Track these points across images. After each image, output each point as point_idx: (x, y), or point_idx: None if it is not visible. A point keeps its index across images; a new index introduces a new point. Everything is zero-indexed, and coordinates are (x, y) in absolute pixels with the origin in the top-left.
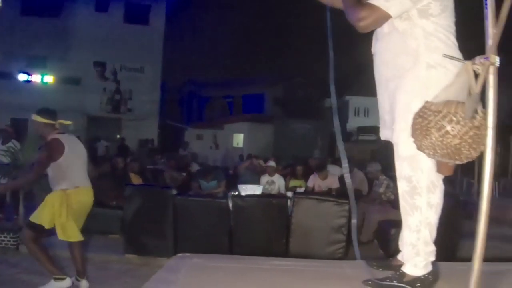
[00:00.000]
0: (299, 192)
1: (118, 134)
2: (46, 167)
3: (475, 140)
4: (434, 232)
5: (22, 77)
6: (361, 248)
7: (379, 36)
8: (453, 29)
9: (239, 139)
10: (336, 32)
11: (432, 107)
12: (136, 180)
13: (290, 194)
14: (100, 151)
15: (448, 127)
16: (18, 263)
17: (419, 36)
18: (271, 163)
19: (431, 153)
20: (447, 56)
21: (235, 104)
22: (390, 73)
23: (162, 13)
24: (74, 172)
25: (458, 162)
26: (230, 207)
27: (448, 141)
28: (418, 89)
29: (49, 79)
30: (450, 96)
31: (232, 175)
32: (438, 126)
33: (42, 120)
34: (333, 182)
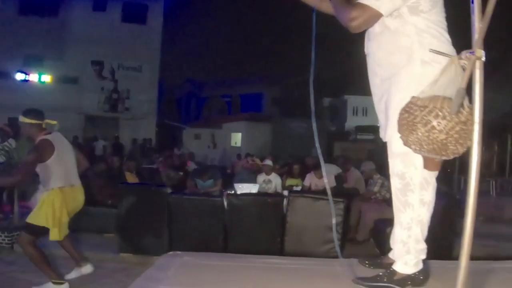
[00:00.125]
0: (294, 190)
1: (116, 134)
2: (34, 168)
3: (461, 136)
4: (425, 230)
5: (19, 76)
6: (357, 246)
7: (371, 36)
8: (445, 24)
9: (237, 139)
10: (335, 32)
11: (418, 102)
12: (132, 179)
13: (286, 193)
14: (98, 150)
15: (434, 122)
16: (13, 262)
17: (411, 33)
18: (268, 162)
19: (417, 148)
20: (433, 51)
21: (233, 103)
22: (385, 73)
23: (159, 12)
24: (69, 170)
25: (445, 158)
26: (225, 206)
27: (434, 136)
28: (413, 86)
29: (47, 78)
30: (436, 91)
31: (229, 174)
32: (424, 121)
33: (30, 121)
34: (329, 181)
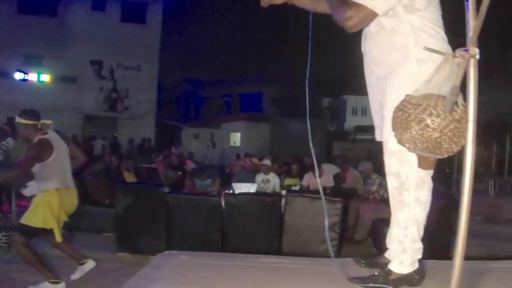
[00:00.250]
0: (292, 190)
1: (115, 133)
2: (31, 166)
3: (455, 134)
4: (421, 230)
5: (18, 75)
6: (355, 246)
7: (368, 35)
8: (441, 22)
9: (236, 138)
10: (334, 32)
11: (412, 100)
12: (130, 179)
13: (284, 193)
14: (97, 150)
15: (428, 120)
16: (11, 261)
17: (407, 32)
18: (266, 161)
19: (411, 146)
20: (428, 49)
21: (232, 103)
22: (380, 72)
23: (159, 12)
24: (65, 172)
25: (439, 156)
26: (223, 205)
27: (428, 134)
28: (408, 85)
29: (46, 77)
30: (431, 89)
31: (228, 174)
32: (418, 119)
33: (26, 121)
34: (327, 181)
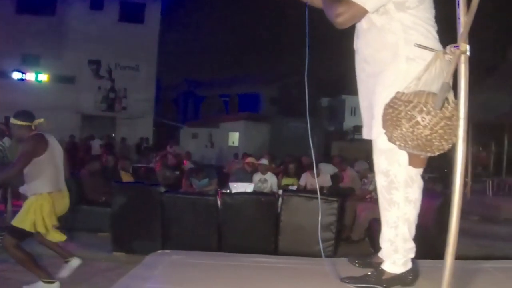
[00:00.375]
0: (288, 189)
1: (113, 133)
2: (28, 162)
3: (446, 131)
4: (413, 229)
5: (16, 75)
6: (352, 246)
7: (360, 33)
8: (433, 21)
9: (234, 138)
10: (333, 32)
11: (402, 97)
12: (127, 178)
13: (281, 192)
14: (95, 150)
15: (418, 117)
16: (5, 260)
17: (397, 30)
18: (264, 161)
19: (402, 144)
20: (419, 46)
21: (231, 103)
22: (371, 69)
23: (157, 11)
24: (58, 174)
25: (430, 154)
26: (219, 205)
27: (419, 132)
28: (398, 83)
29: (43, 77)
30: (421, 86)
31: (226, 173)
32: (408, 116)
33: (20, 123)
34: (325, 181)
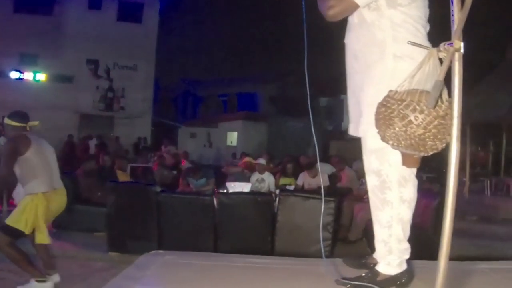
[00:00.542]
0: (285, 189)
1: (111, 132)
2: (13, 161)
3: (440, 130)
4: (407, 229)
5: (14, 74)
6: (349, 246)
7: (351, 27)
8: (424, 20)
9: (233, 138)
10: (331, 31)
11: (395, 96)
12: (124, 178)
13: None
14: (93, 149)
15: (411, 116)
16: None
17: (386, 27)
18: (261, 160)
19: (395, 144)
20: (412, 43)
21: (230, 102)
22: (359, 65)
23: (155, 11)
24: (52, 173)
25: (423, 154)
26: (215, 205)
27: (412, 131)
28: (386, 81)
29: (42, 77)
30: (415, 84)
31: (224, 173)
32: (401, 115)
33: (15, 123)
34: (323, 180)
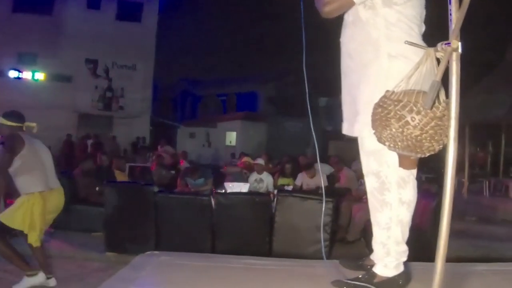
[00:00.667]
0: (282, 190)
1: (110, 132)
2: (10, 161)
3: (437, 132)
4: (406, 232)
5: (12, 74)
6: (347, 246)
7: (346, 25)
8: (419, 20)
9: (232, 138)
10: (330, 30)
11: (392, 96)
12: (122, 178)
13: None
14: (91, 149)
15: (408, 117)
16: None
17: (380, 26)
18: (260, 160)
19: (391, 145)
20: (408, 43)
21: (229, 102)
22: (354, 64)
23: (154, 10)
24: (48, 173)
25: (420, 155)
26: (213, 205)
27: (409, 132)
28: (381, 81)
29: (40, 76)
30: (412, 85)
31: (223, 173)
32: (397, 116)
33: (11, 123)
34: (321, 181)
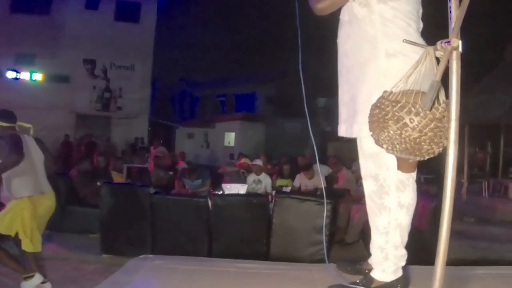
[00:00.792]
0: (280, 191)
1: (108, 132)
2: (20, 148)
3: (436, 134)
4: (405, 236)
5: (10, 74)
6: (345, 248)
7: (342, 25)
8: (415, 15)
9: (230, 138)
10: (329, 31)
11: (389, 97)
12: (119, 179)
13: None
14: (84, 149)
15: (406, 118)
16: None
17: (376, 23)
18: (258, 161)
19: (389, 148)
20: (407, 42)
21: (227, 102)
22: (351, 63)
23: (153, 11)
24: (38, 177)
25: (419, 158)
26: (210, 207)
27: (407, 134)
28: (379, 79)
29: (38, 76)
30: (410, 85)
31: (221, 174)
32: (395, 117)
33: (4, 124)
34: (319, 182)
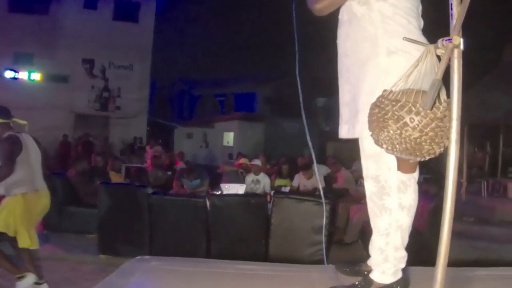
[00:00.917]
0: (279, 191)
1: (106, 132)
2: (13, 161)
3: (437, 134)
4: (406, 237)
5: (8, 74)
6: (345, 248)
7: (341, 24)
8: (416, 12)
9: (229, 138)
10: (328, 31)
11: (389, 96)
12: (117, 179)
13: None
14: (80, 148)
15: (406, 118)
16: None
17: (376, 20)
18: (257, 161)
19: (389, 148)
20: (407, 40)
21: (226, 102)
22: (351, 62)
23: (151, 10)
24: (34, 175)
25: (420, 159)
26: (208, 207)
27: (407, 134)
28: (381, 77)
29: (36, 76)
30: (410, 83)
31: (219, 174)
32: (395, 117)
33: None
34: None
